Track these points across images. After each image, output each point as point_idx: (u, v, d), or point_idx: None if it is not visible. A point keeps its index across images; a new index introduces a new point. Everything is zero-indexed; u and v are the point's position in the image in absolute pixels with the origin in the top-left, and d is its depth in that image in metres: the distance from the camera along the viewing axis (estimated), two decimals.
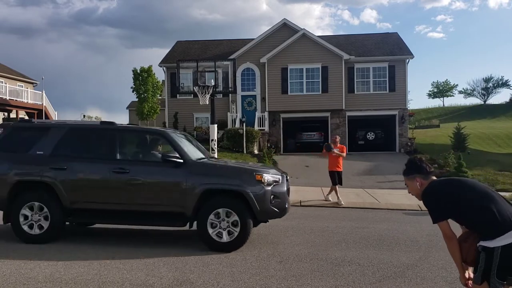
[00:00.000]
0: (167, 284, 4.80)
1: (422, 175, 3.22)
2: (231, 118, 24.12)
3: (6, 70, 35.17)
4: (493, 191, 3.06)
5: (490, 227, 2.82)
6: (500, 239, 2.77)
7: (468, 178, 3.10)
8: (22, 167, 6.69)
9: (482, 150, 23.46)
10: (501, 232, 2.78)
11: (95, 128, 7.17)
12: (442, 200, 3.01)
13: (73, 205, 6.52)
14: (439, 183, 3.15)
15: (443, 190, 3.06)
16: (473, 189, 2.99)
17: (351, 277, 5.12)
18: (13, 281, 4.86)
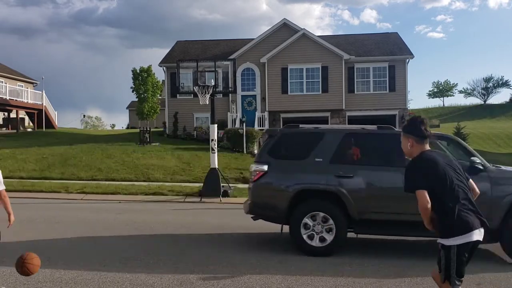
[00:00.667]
0: (167, 284, 4.80)
1: (416, 137, 3.20)
2: (231, 118, 24.12)
3: (6, 70, 35.18)
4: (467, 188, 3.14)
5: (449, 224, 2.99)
6: (457, 238, 2.96)
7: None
8: (303, 175, 6.24)
9: (482, 150, 23.45)
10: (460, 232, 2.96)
11: (375, 133, 6.56)
12: (422, 173, 3.07)
13: (361, 216, 6.03)
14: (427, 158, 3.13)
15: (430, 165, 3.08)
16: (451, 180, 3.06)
17: (351, 277, 5.12)
18: (13, 281, 4.86)
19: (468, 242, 2.98)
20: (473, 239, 2.99)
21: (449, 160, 3.24)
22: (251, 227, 8.03)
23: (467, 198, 3.06)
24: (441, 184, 3.03)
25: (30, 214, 9.11)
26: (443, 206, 3.02)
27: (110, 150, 18.93)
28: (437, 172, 3.04)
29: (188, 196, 11.99)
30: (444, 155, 3.32)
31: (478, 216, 3.04)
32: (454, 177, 3.08)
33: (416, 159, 3.17)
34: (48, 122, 31.00)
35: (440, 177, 3.04)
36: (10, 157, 17.36)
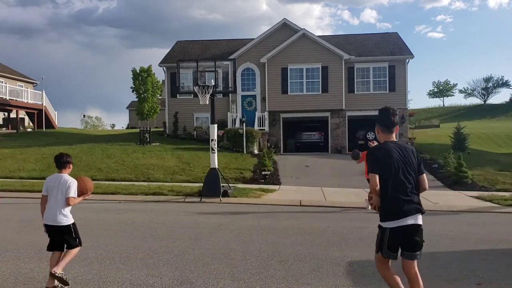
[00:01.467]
0: (167, 284, 4.80)
1: (381, 126, 3.65)
2: (231, 118, 24.12)
3: (6, 70, 35.18)
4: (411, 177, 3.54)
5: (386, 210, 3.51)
6: (390, 223, 3.48)
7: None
8: None
9: (482, 150, 23.44)
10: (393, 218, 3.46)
11: None
12: (377, 160, 3.51)
13: None
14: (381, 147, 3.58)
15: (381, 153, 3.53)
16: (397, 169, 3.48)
17: (351, 277, 5.12)
18: (13, 281, 4.86)
19: (401, 226, 3.46)
20: (407, 223, 3.47)
21: (405, 154, 3.56)
22: (251, 227, 8.03)
23: (408, 189, 3.46)
24: (387, 173, 3.45)
25: (30, 214, 9.11)
26: (385, 193, 3.47)
27: (110, 150, 18.93)
28: (387, 162, 3.45)
29: (188, 196, 11.99)
30: (404, 149, 3.60)
31: (416, 206, 3.51)
32: (401, 170, 3.47)
33: (375, 147, 3.66)
34: (48, 122, 31.01)
35: (388, 167, 3.45)
36: (10, 157, 17.37)
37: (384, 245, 3.51)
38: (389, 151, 3.50)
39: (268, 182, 14.74)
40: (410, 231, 3.51)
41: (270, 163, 17.12)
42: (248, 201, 11.53)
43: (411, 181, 3.51)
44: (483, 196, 12.31)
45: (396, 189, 3.46)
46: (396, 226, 3.46)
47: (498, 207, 11.07)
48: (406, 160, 3.53)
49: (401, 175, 3.47)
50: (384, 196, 3.50)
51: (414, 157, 3.62)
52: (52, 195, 4.72)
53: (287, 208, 10.79)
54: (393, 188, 3.46)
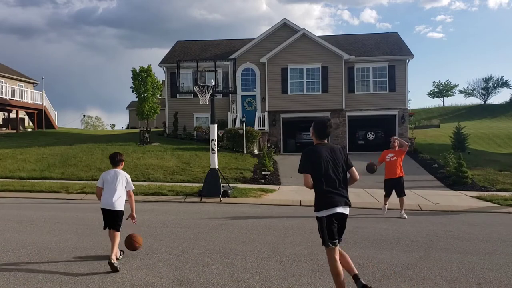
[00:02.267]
0: (167, 284, 4.80)
1: (317, 134, 4.26)
2: (231, 118, 24.12)
3: (6, 70, 35.18)
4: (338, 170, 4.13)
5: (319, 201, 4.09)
6: (323, 212, 4.05)
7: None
8: None
9: (482, 150, 23.44)
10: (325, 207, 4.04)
11: None
12: (310, 161, 4.07)
13: None
14: (313, 149, 4.15)
15: (312, 155, 4.10)
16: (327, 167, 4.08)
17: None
18: (13, 281, 4.86)
19: (333, 213, 4.02)
20: (336, 211, 4.03)
21: (333, 153, 4.16)
22: (251, 227, 8.03)
23: (337, 183, 4.07)
24: (318, 171, 4.05)
25: (30, 214, 9.12)
26: (318, 187, 4.08)
27: (110, 150, 18.92)
28: (318, 161, 4.04)
29: (188, 196, 11.99)
30: (333, 149, 4.19)
31: (344, 199, 4.10)
32: (331, 167, 4.07)
33: (308, 149, 4.18)
34: (48, 122, 31.02)
35: (318, 166, 4.04)
36: (10, 157, 17.37)
37: (326, 234, 4.04)
38: (320, 152, 4.08)
39: (268, 182, 14.73)
40: (340, 219, 4.10)
41: (270, 163, 17.11)
42: (248, 201, 11.53)
43: (339, 177, 4.11)
44: (483, 196, 12.31)
45: (328, 184, 4.06)
46: (329, 214, 4.03)
47: (498, 207, 11.07)
48: (334, 159, 4.12)
49: (331, 172, 4.07)
50: (319, 190, 4.10)
51: (342, 155, 4.21)
52: (111, 186, 5.74)
53: (287, 208, 10.78)
54: (325, 183, 4.05)
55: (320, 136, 4.24)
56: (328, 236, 4.03)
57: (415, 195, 12.71)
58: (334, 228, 4.04)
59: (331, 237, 4.03)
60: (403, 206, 9.55)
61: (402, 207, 9.52)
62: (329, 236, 4.03)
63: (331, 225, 4.03)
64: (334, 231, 4.05)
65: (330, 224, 4.03)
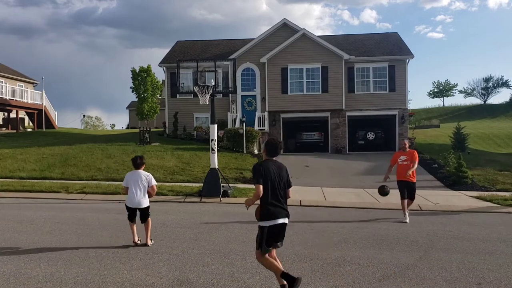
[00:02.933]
0: (167, 284, 4.81)
1: (268, 152, 4.69)
2: (231, 118, 24.11)
3: (6, 70, 35.17)
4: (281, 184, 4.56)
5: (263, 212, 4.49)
6: (266, 222, 4.46)
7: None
8: None
9: (482, 150, 23.45)
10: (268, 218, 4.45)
11: None
12: (262, 174, 4.46)
13: None
14: (263, 165, 4.56)
15: (263, 169, 4.50)
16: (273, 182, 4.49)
17: (351, 277, 5.12)
18: (13, 281, 4.86)
19: (275, 224, 4.45)
20: (279, 223, 4.47)
21: (279, 171, 4.59)
22: (251, 227, 8.03)
23: (279, 197, 4.50)
24: (267, 184, 4.43)
25: (30, 214, 9.12)
26: (265, 199, 4.47)
27: (110, 150, 18.93)
28: (266, 176, 4.45)
29: (188, 196, 11.99)
30: (279, 167, 4.63)
31: (285, 211, 4.55)
32: (276, 183, 4.49)
33: (259, 163, 4.61)
34: (48, 122, 31.01)
35: (268, 180, 4.45)
36: (10, 157, 17.36)
37: (264, 242, 4.46)
38: (269, 168, 4.53)
39: None
40: (281, 229, 4.54)
41: None
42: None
43: (282, 192, 4.56)
44: (483, 196, 12.30)
45: (272, 197, 4.47)
46: (272, 224, 4.45)
47: (498, 207, 11.07)
48: (280, 176, 4.57)
49: (276, 187, 4.50)
50: (264, 202, 4.49)
51: (285, 173, 4.68)
52: (135, 186, 6.60)
53: None
54: (270, 196, 4.46)
55: (271, 154, 4.70)
56: (266, 243, 4.47)
57: (415, 195, 12.71)
58: (274, 237, 4.50)
59: (268, 244, 4.48)
60: (409, 207, 9.35)
61: (408, 207, 9.31)
62: (267, 243, 4.47)
63: (272, 234, 4.47)
64: (272, 240, 4.49)
65: (270, 233, 4.47)
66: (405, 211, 9.16)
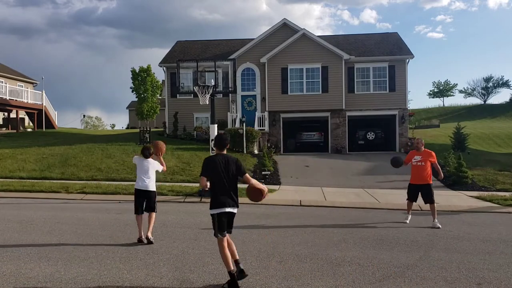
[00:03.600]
0: (167, 284, 4.81)
1: (216, 146, 5.17)
2: (231, 118, 24.10)
3: (6, 70, 35.18)
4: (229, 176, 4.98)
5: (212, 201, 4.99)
6: (215, 210, 4.94)
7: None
8: None
9: (482, 150, 23.45)
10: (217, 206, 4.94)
11: None
12: (208, 167, 4.96)
13: None
14: (210, 158, 5.06)
15: (210, 163, 4.98)
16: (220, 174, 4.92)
17: (351, 277, 5.12)
18: (13, 281, 4.86)
19: (222, 212, 4.89)
20: (226, 211, 4.90)
21: (227, 164, 4.98)
22: (251, 227, 8.03)
23: (226, 188, 4.93)
24: (215, 176, 4.93)
25: (30, 214, 9.12)
26: (214, 190, 4.97)
27: (110, 150, 18.93)
28: (213, 168, 4.92)
29: (188, 196, 11.99)
30: (227, 160, 5.00)
31: (232, 201, 4.95)
32: (223, 174, 4.92)
33: (208, 157, 5.13)
34: (48, 122, 31.01)
35: (213, 172, 4.92)
36: (10, 157, 17.37)
37: (217, 227, 4.88)
38: (216, 161, 4.97)
39: (268, 182, 14.73)
40: (228, 216, 4.97)
41: (270, 163, 17.11)
42: (248, 201, 11.48)
43: (231, 183, 4.97)
44: (483, 196, 12.31)
45: (220, 188, 4.93)
46: (220, 212, 4.91)
47: (498, 207, 11.07)
48: (227, 168, 4.95)
49: (224, 178, 4.93)
50: (213, 192, 4.97)
51: (234, 165, 5.02)
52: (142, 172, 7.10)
53: (287, 208, 10.78)
54: (218, 187, 4.94)
55: (219, 148, 5.15)
56: (219, 229, 4.88)
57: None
58: (223, 223, 4.90)
59: (221, 230, 4.88)
60: (435, 214, 8.53)
61: (434, 216, 8.51)
62: (219, 229, 4.88)
63: (220, 220, 4.89)
64: (223, 226, 4.90)
65: (220, 220, 4.89)
66: (409, 211, 8.94)
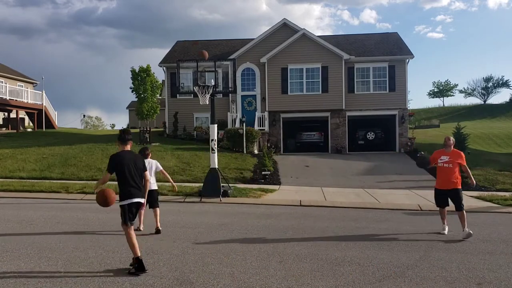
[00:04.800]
0: (167, 284, 4.81)
1: (119, 141, 5.61)
2: (231, 118, 24.10)
3: (6, 70, 35.17)
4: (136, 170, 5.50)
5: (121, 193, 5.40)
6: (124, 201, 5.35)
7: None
8: None
9: (482, 150, 23.45)
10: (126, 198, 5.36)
11: None
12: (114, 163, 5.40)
13: None
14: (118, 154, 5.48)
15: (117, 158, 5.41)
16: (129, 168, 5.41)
17: (351, 277, 5.12)
18: (13, 281, 4.86)
19: (132, 202, 5.36)
20: (134, 201, 5.37)
21: (135, 159, 5.53)
22: (251, 227, 8.03)
23: (135, 181, 5.43)
24: (121, 170, 5.37)
25: (30, 214, 9.12)
26: (123, 183, 5.39)
27: (110, 150, 18.92)
28: (120, 164, 5.37)
29: (188, 196, 11.99)
30: (134, 156, 5.58)
31: (140, 192, 5.48)
32: (131, 169, 5.41)
33: (114, 154, 5.51)
34: (48, 122, 31.01)
35: (121, 167, 5.36)
36: (10, 157, 17.36)
37: (127, 216, 5.33)
38: (123, 157, 5.43)
39: (268, 182, 14.73)
40: (136, 206, 5.46)
41: (270, 163, 17.11)
42: (248, 201, 11.53)
43: (138, 176, 5.49)
44: (483, 196, 12.30)
45: (128, 181, 5.37)
46: (129, 203, 5.34)
47: (498, 207, 11.07)
48: (134, 163, 5.48)
49: (132, 172, 5.41)
50: (122, 185, 5.39)
51: (140, 161, 5.64)
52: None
53: (287, 208, 10.78)
54: (126, 180, 5.37)
55: (122, 143, 5.57)
56: (128, 218, 5.33)
57: (415, 195, 12.72)
58: (131, 213, 5.39)
59: (130, 219, 5.35)
60: (465, 223, 7.48)
61: (463, 223, 7.48)
62: (128, 218, 5.33)
63: (130, 211, 5.35)
64: (132, 215, 5.39)
65: (129, 210, 5.35)
66: (444, 220, 7.79)
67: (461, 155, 7.74)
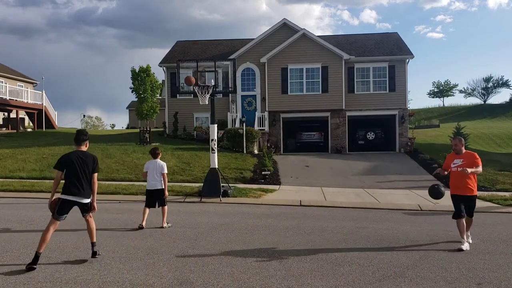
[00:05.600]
0: (167, 284, 4.81)
1: (74, 141, 5.92)
2: (231, 118, 24.11)
3: (6, 70, 35.17)
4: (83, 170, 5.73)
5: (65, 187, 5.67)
6: (64, 196, 5.63)
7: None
8: None
9: (482, 150, 23.43)
10: (65, 193, 5.63)
11: None
12: (60, 161, 5.71)
13: None
14: (67, 154, 5.79)
15: (65, 157, 5.73)
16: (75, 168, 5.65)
17: (351, 277, 5.12)
18: (13, 281, 4.86)
19: (67, 200, 5.61)
20: (70, 199, 5.61)
21: (85, 160, 5.74)
22: (251, 227, 8.03)
23: (81, 180, 5.66)
24: (70, 169, 5.64)
25: (30, 214, 9.12)
26: (68, 179, 5.66)
27: (110, 150, 18.93)
28: (68, 162, 5.66)
29: (188, 196, 11.99)
30: (85, 156, 5.77)
31: (82, 191, 5.67)
32: (79, 168, 5.65)
33: (64, 153, 5.84)
34: (48, 122, 31.01)
35: (71, 166, 5.64)
36: (10, 157, 17.36)
37: (57, 210, 5.56)
38: (72, 156, 5.71)
39: (268, 182, 14.73)
40: (71, 204, 5.67)
41: (270, 163, 17.11)
42: (248, 201, 11.53)
43: (84, 176, 5.70)
44: (483, 196, 12.29)
45: (73, 179, 5.62)
46: (64, 198, 5.61)
47: (498, 207, 11.07)
48: (83, 163, 5.70)
49: (78, 172, 5.64)
50: (65, 182, 5.66)
51: (91, 162, 5.80)
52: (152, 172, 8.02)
53: (287, 208, 10.78)
54: (70, 178, 5.63)
55: (76, 143, 5.89)
56: (58, 212, 5.55)
57: (415, 195, 12.72)
58: (62, 209, 5.58)
59: (60, 213, 5.57)
60: (470, 229, 7.15)
61: (468, 229, 7.10)
62: (58, 212, 5.55)
63: (61, 206, 5.57)
64: (63, 211, 5.59)
65: (61, 205, 5.58)
66: (464, 233, 6.78)
67: (475, 156, 6.98)
